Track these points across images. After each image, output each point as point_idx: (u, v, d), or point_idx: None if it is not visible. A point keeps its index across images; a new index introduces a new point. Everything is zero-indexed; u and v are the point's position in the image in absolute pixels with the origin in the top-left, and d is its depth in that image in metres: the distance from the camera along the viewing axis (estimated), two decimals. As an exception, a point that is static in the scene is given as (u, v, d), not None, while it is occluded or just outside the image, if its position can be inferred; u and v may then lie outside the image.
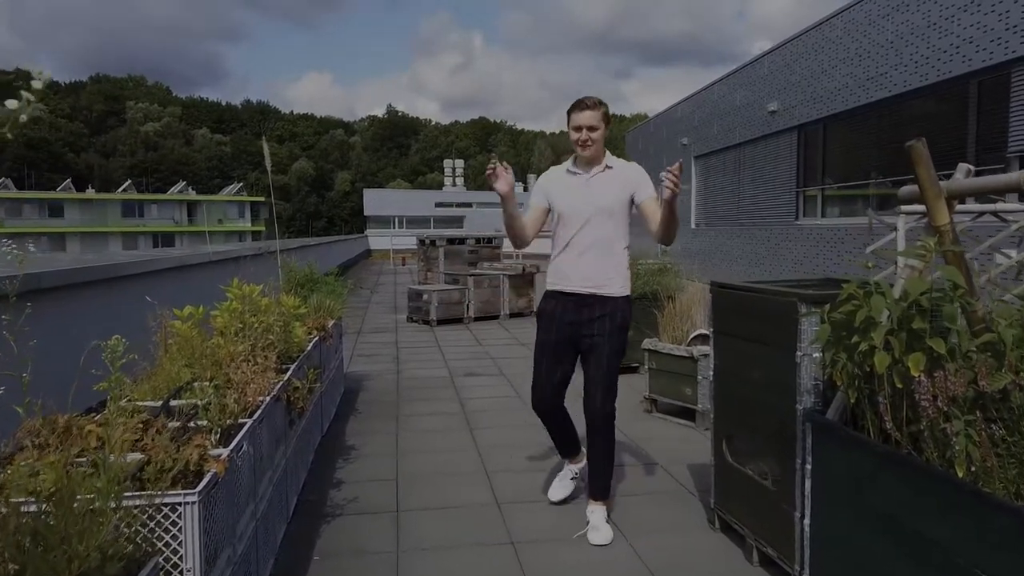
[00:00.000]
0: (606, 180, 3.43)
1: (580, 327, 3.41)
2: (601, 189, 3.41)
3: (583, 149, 3.38)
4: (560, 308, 3.44)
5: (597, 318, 3.38)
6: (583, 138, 3.36)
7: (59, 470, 1.59)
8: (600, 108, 3.36)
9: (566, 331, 3.44)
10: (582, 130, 3.35)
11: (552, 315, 3.47)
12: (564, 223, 3.44)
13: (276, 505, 3.09)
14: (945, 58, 9.51)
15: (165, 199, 70.29)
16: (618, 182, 3.42)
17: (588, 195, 3.40)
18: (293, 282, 6.01)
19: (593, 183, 3.42)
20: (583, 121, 3.34)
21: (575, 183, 3.45)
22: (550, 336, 3.47)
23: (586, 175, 3.44)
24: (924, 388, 1.94)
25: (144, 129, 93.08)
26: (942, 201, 2.27)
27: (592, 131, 3.35)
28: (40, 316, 3.60)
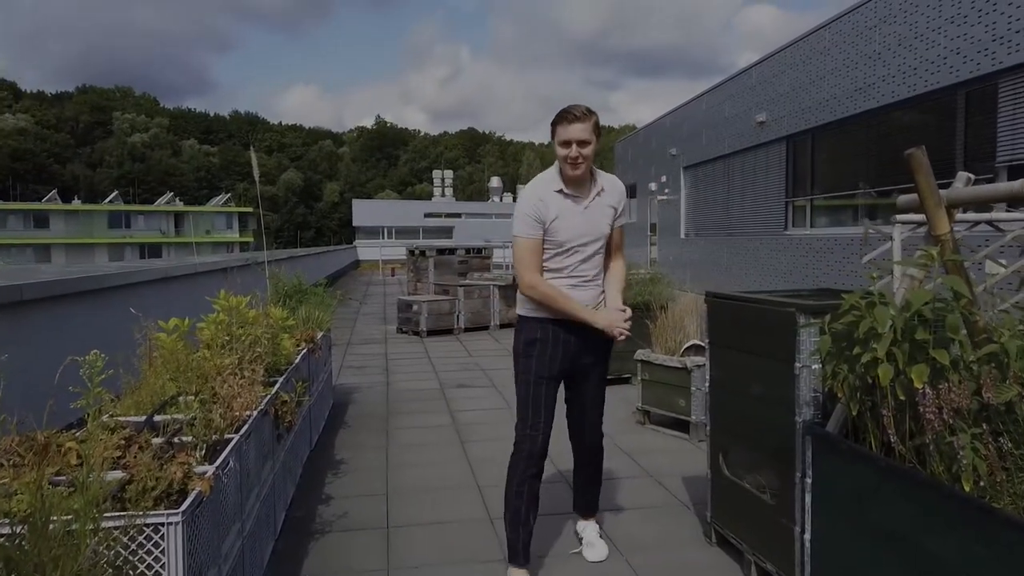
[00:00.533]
0: (603, 206, 3.05)
1: (581, 356, 3.07)
2: (600, 216, 3.04)
3: (574, 168, 2.90)
4: (563, 335, 3.01)
5: (594, 344, 3.09)
6: (573, 155, 2.86)
7: (33, 490, 1.52)
8: (591, 118, 2.90)
9: (568, 359, 3.05)
10: (572, 146, 2.86)
11: (556, 342, 3.01)
12: (564, 253, 3.00)
13: (263, 522, 3.01)
14: (933, 69, 9.57)
15: (152, 210, 69.93)
16: (611, 206, 3.09)
17: (589, 224, 3.01)
18: (281, 293, 5.93)
19: (592, 210, 3.02)
20: (573, 135, 2.86)
21: (573, 209, 2.99)
22: (555, 365, 3.01)
23: (583, 199, 3.00)
24: (929, 400, 1.90)
25: (131, 140, 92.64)
26: (943, 210, 2.24)
27: (584, 146, 2.87)
28: (22, 329, 3.52)
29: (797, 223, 13.57)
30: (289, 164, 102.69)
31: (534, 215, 2.94)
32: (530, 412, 3.00)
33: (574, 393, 3.20)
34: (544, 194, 2.97)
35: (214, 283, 6.56)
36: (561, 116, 2.91)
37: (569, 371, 3.09)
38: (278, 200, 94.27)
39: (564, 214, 2.96)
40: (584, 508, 3.42)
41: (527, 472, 2.97)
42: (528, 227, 2.96)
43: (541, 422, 2.99)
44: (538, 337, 3.01)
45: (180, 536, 1.83)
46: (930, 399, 1.90)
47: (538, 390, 2.99)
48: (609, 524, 3.62)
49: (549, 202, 2.96)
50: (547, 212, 2.94)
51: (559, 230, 2.97)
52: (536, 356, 3.01)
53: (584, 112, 2.89)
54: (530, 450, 2.97)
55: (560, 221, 2.96)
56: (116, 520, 1.74)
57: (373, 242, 53.01)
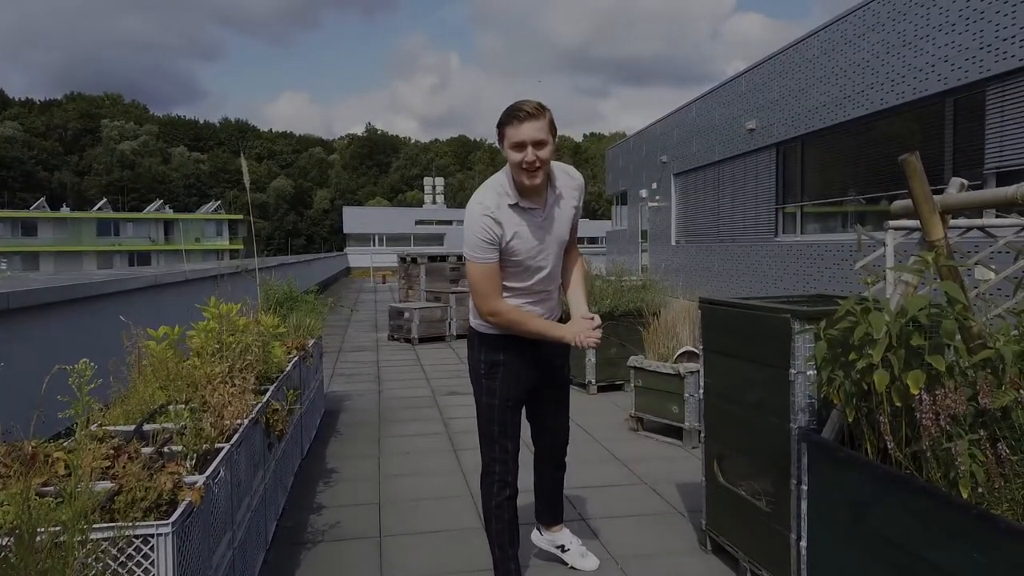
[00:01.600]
0: (560, 209, 2.76)
1: (547, 364, 2.91)
2: (557, 222, 2.75)
3: (531, 177, 2.53)
4: (530, 352, 2.81)
5: (559, 353, 2.95)
6: (530, 159, 2.49)
7: (20, 502, 1.49)
8: (544, 114, 2.53)
9: (535, 377, 2.87)
10: (527, 148, 2.49)
11: (523, 362, 2.80)
12: (520, 269, 2.73)
13: (254, 532, 2.97)
14: (921, 76, 9.65)
15: (141, 217, 69.58)
16: (569, 204, 2.80)
17: (547, 233, 2.72)
18: (272, 301, 5.90)
19: (549, 218, 2.72)
20: (527, 135, 2.48)
21: (531, 223, 2.66)
22: (519, 388, 2.81)
23: (540, 211, 2.67)
24: (925, 406, 1.89)
25: (120, 147, 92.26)
26: (937, 216, 2.24)
27: (540, 148, 2.50)
28: (9, 337, 3.48)
29: (787, 229, 13.63)
30: (279, 171, 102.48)
31: (486, 238, 2.59)
32: (497, 437, 2.81)
33: (540, 402, 3.01)
34: (497, 212, 2.60)
35: (204, 290, 6.51)
36: (510, 115, 2.52)
37: (538, 383, 2.92)
38: (268, 207, 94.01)
39: (522, 231, 2.64)
40: (553, 516, 3.23)
41: (502, 495, 2.83)
42: (481, 251, 2.61)
43: (510, 445, 2.82)
44: (501, 359, 2.77)
45: (170, 547, 1.80)
46: (927, 405, 1.89)
47: (504, 415, 2.80)
48: (603, 532, 3.60)
49: (503, 220, 2.60)
50: (501, 232, 2.61)
51: (517, 250, 2.65)
52: (501, 379, 2.77)
53: (536, 108, 2.52)
54: (502, 474, 2.82)
55: (517, 240, 2.64)
56: (105, 531, 1.71)
57: (364, 249, 52.93)
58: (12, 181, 80.00)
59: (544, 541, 3.27)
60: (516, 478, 2.88)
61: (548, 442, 3.13)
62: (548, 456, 3.15)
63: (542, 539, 3.28)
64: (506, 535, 2.87)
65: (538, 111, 2.52)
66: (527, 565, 3.21)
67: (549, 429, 3.10)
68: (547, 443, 3.13)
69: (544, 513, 3.25)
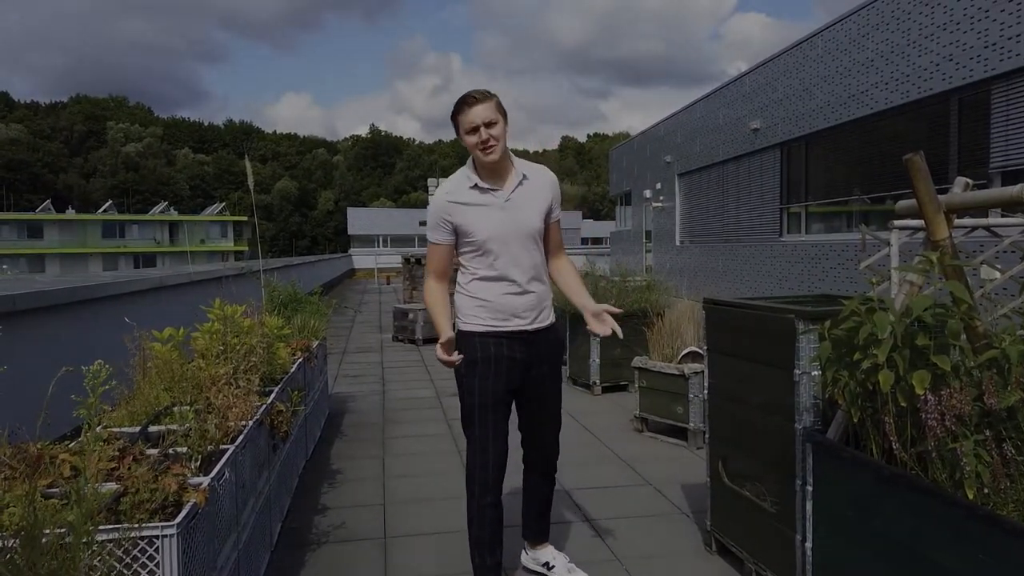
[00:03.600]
0: (526, 195, 2.79)
1: (529, 370, 2.83)
2: (523, 208, 2.78)
3: (488, 153, 2.66)
4: (507, 350, 2.78)
5: (544, 357, 2.88)
6: (484, 138, 2.64)
7: (25, 503, 1.50)
8: (492, 99, 2.69)
9: (516, 376, 2.80)
10: (479, 130, 2.64)
11: (499, 359, 2.76)
12: (488, 255, 2.76)
13: (259, 534, 2.98)
14: (925, 76, 9.62)
15: (146, 219, 69.81)
16: (538, 195, 2.83)
17: (511, 219, 2.75)
18: (276, 302, 5.91)
19: (513, 202, 2.76)
20: (478, 118, 2.64)
21: (491, 203, 2.74)
22: (499, 384, 2.76)
23: (502, 192, 2.76)
24: (930, 406, 1.89)
25: (125, 150, 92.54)
26: (941, 215, 2.23)
27: (491, 127, 2.65)
28: (16, 339, 3.49)
29: (792, 229, 13.60)
30: (284, 173, 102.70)
31: (439, 217, 2.77)
32: (477, 438, 2.77)
33: (527, 411, 2.95)
34: (456, 191, 2.77)
35: (209, 292, 6.52)
36: (460, 104, 2.69)
37: (520, 386, 2.84)
38: (273, 209, 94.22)
39: (478, 211, 2.74)
40: (537, 534, 3.14)
41: (483, 501, 2.78)
42: (434, 231, 2.81)
43: (490, 449, 2.77)
44: (479, 357, 2.76)
45: (175, 549, 1.81)
46: (932, 405, 1.89)
47: (484, 415, 2.76)
48: (607, 533, 3.60)
49: (460, 199, 2.75)
50: (458, 212, 2.74)
51: (476, 229, 2.73)
52: (479, 376, 2.76)
53: (483, 93, 2.69)
54: (482, 479, 2.77)
55: (476, 219, 2.73)
56: (110, 533, 1.72)
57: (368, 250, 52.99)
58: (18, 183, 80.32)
59: (529, 561, 3.17)
60: (499, 484, 2.80)
61: (535, 455, 3.04)
62: (535, 470, 3.07)
63: (528, 559, 3.18)
64: (486, 542, 2.81)
65: (485, 96, 2.69)
66: (530, 567, 3.21)
67: (535, 441, 3.00)
68: (534, 456, 3.04)
69: (529, 528, 3.16)
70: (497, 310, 2.78)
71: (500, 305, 2.78)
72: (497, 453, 2.78)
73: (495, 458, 2.78)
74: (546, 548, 3.14)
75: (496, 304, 2.78)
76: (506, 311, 2.78)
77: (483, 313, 2.79)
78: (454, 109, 2.71)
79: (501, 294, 2.78)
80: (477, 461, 2.78)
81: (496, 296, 2.78)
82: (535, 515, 3.12)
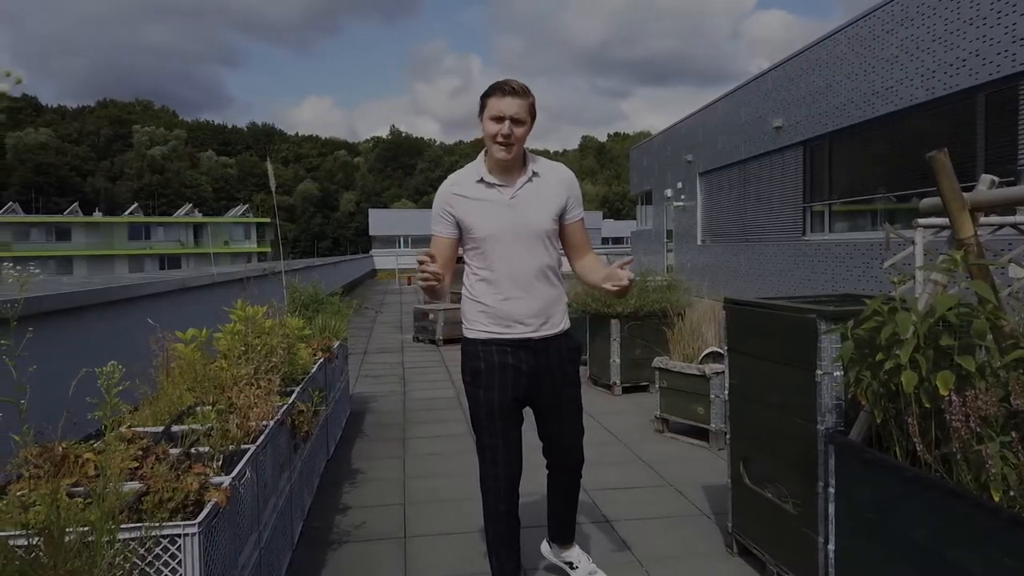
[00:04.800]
0: (535, 193, 2.64)
1: (540, 380, 2.69)
2: (531, 206, 2.63)
3: (503, 149, 2.52)
4: (511, 359, 2.65)
5: (556, 365, 2.72)
6: (504, 132, 2.50)
7: (49, 502, 1.52)
8: (529, 97, 2.55)
9: (523, 386, 2.66)
10: (504, 121, 2.50)
11: (503, 368, 2.64)
12: (488, 252, 2.63)
13: (280, 533, 3.00)
14: (951, 71, 9.48)
15: (171, 221, 70.69)
16: (549, 193, 2.67)
17: (516, 216, 2.61)
18: (298, 303, 5.95)
19: (520, 199, 2.62)
20: (507, 110, 2.50)
21: (496, 199, 2.61)
22: (505, 394, 2.63)
23: (509, 188, 2.61)
24: (955, 408, 1.86)
25: (150, 152, 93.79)
26: (966, 213, 2.20)
27: (517, 125, 2.52)
28: (42, 340, 3.55)
29: (815, 228, 13.46)
30: (305, 174, 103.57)
31: (441, 208, 2.66)
32: (486, 447, 2.68)
33: (544, 421, 2.83)
34: (461, 185, 2.65)
35: (232, 293, 6.58)
36: (495, 87, 2.54)
37: (529, 396, 2.71)
38: (295, 210, 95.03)
39: (482, 206, 2.61)
40: (564, 536, 3.07)
41: (497, 509, 2.71)
42: (436, 222, 2.68)
43: (500, 459, 2.66)
44: (482, 368, 2.65)
45: (197, 547, 1.82)
46: (956, 406, 1.86)
47: (492, 425, 2.65)
48: (628, 534, 3.58)
49: (464, 193, 2.63)
50: (460, 205, 2.62)
51: (477, 225, 2.61)
52: (483, 387, 2.65)
53: (522, 87, 2.54)
54: (494, 488, 2.69)
55: (479, 214, 2.60)
56: (133, 532, 1.74)
57: (389, 251, 53.25)
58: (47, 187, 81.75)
59: (553, 555, 3.14)
60: (512, 492, 2.72)
61: (558, 462, 2.93)
62: (559, 474, 2.97)
63: (551, 552, 3.15)
64: (503, 549, 2.75)
65: (523, 91, 2.54)
66: (550, 567, 3.20)
67: (557, 450, 2.90)
68: (556, 462, 2.93)
69: (554, 530, 3.10)
70: (498, 316, 2.65)
71: (501, 311, 2.64)
72: (508, 463, 2.68)
73: (506, 468, 2.68)
74: (572, 549, 3.12)
75: (496, 310, 2.65)
76: (508, 317, 2.64)
77: (484, 319, 2.68)
78: (487, 90, 2.56)
79: (501, 299, 2.64)
80: (489, 472, 2.70)
81: (496, 301, 2.65)
82: (560, 517, 3.05)
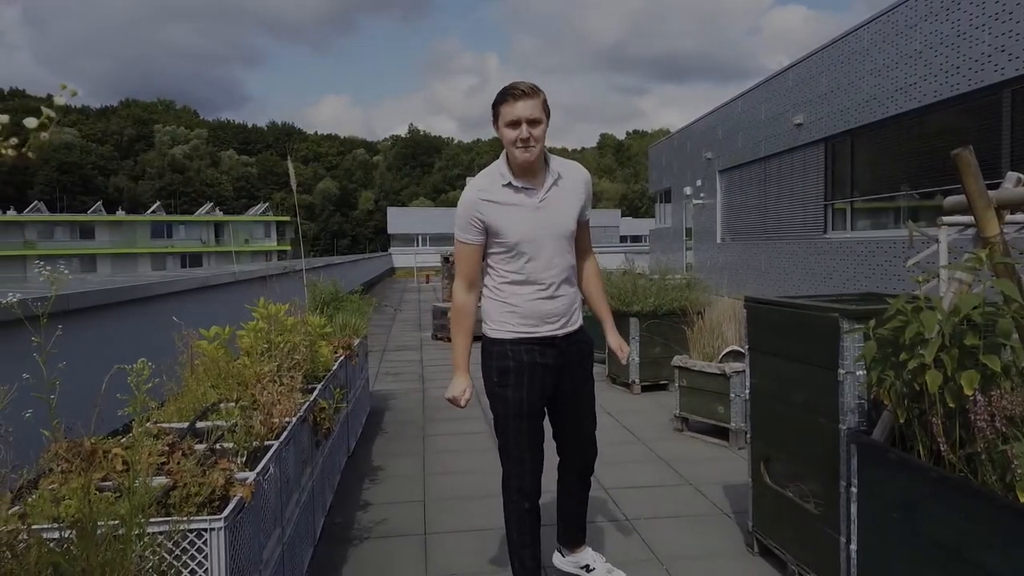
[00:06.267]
0: (561, 194, 2.68)
1: (562, 375, 2.75)
2: (558, 209, 2.67)
3: (525, 151, 2.53)
4: (539, 357, 2.70)
5: (575, 361, 2.79)
6: (523, 136, 2.51)
7: (81, 496, 1.55)
8: (539, 95, 2.56)
9: (549, 384, 2.73)
10: (521, 125, 2.51)
11: (532, 367, 2.69)
12: (518, 255, 2.66)
13: (303, 529, 3.03)
14: (976, 67, 9.34)
15: (193, 220, 71.36)
16: (573, 194, 2.72)
17: (545, 220, 2.64)
18: (319, 301, 6.00)
19: (548, 202, 2.65)
20: (522, 113, 2.51)
21: (525, 203, 2.63)
22: (533, 393, 2.69)
23: (536, 191, 2.64)
24: (980, 407, 1.84)
25: (172, 152, 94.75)
26: (992, 211, 2.17)
27: (534, 126, 2.53)
28: (70, 337, 3.61)
29: (837, 226, 13.33)
30: (325, 173, 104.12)
31: (470, 215, 2.65)
32: (512, 448, 2.72)
33: (561, 416, 2.88)
34: (487, 190, 2.65)
35: (253, 291, 6.65)
36: (505, 94, 2.56)
37: (553, 394, 2.77)
38: (315, 209, 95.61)
39: (511, 211, 2.62)
40: (574, 537, 3.08)
41: (520, 507, 2.75)
42: (464, 230, 2.68)
43: (527, 459, 2.71)
44: (511, 367, 2.69)
45: (223, 542, 1.85)
46: (981, 406, 1.85)
47: (519, 424, 2.69)
48: (648, 533, 3.58)
49: (491, 198, 2.63)
50: (490, 211, 2.62)
51: (508, 230, 2.62)
52: (512, 387, 2.68)
53: (531, 88, 2.56)
54: (519, 487, 2.74)
55: (510, 219, 2.61)
56: (161, 525, 1.77)
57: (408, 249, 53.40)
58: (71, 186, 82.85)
59: (567, 563, 3.10)
60: (536, 490, 2.76)
61: (573, 459, 2.95)
62: (572, 473, 2.99)
63: (565, 561, 3.11)
64: (527, 547, 2.78)
65: (533, 91, 2.55)
66: (570, 565, 3.21)
67: (572, 445, 2.92)
68: (571, 459, 2.96)
69: (565, 533, 3.09)
70: (527, 315, 2.69)
71: (529, 310, 2.68)
72: (534, 461, 2.73)
73: (531, 465, 2.73)
74: (584, 550, 3.11)
75: (525, 309, 2.68)
76: (536, 316, 2.69)
77: (512, 319, 2.71)
78: (497, 98, 2.58)
79: (531, 299, 2.68)
80: (514, 471, 2.73)
81: (525, 301, 2.68)
82: (572, 519, 3.05)
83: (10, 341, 2.87)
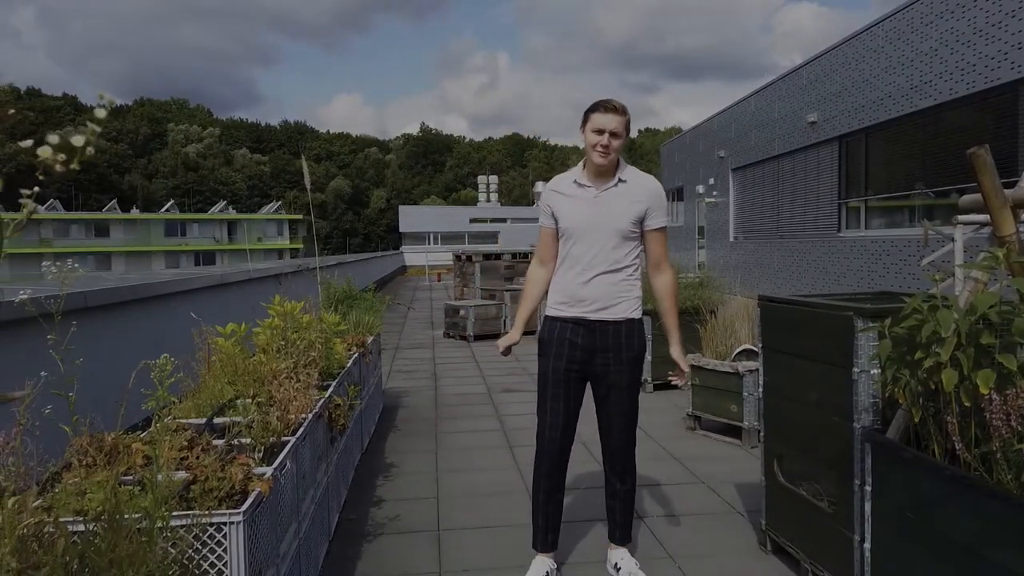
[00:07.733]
0: (616, 195, 3.01)
1: (593, 356, 3.02)
2: (610, 206, 2.99)
3: (601, 156, 2.93)
4: (569, 334, 3.02)
5: (611, 347, 3.01)
6: (604, 143, 2.92)
7: (106, 489, 1.58)
8: (626, 116, 2.97)
9: (577, 359, 3.02)
10: (604, 134, 2.92)
11: (561, 341, 3.04)
12: (569, 241, 3.04)
13: (318, 524, 3.06)
14: (993, 65, 9.27)
15: (206, 218, 71.74)
16: (629, 197, 3.01)
17: (596, 212, 2.99)
18: (332, 299, 6.04)
19: (602, 199, 3.00)
20: (607, 124, 2.91)
21: (583, 197, 3.02)
22: (560, 363, 3.03)
23: (595, 189, 3.01)
24: (996, 406, 1.84)
25: (186, 150, 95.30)
26: (1008, 210, 2.17)
27: (615, 138, 2.93)
28: (86, 335, 3.65)
29: (851, 225, 13.26)
30: (337, 172, 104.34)
31: (544, 204, 3.15)
32: (541, 409, 3.10)
33: (604, 403, 3.10)
34: (560, 184, 3.13)
35: (267, 289, 6.71)
36: (599, 104, 2.98)
37: (582, 372, 3.04)
38: (327, 207, 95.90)
39: (571, 202, 3.04)
40: (612, 533, 3.20)
41: (544, 466, 3.08)
42: (542, 217, 3.18)
43: (554, 419, 3.05)
44: (545, 338, 3.11)
45: (242, 535, 1.88)
46: (997, 405, 1.84)
47: (545, 389, 3.08)
48: (661, 532, 3.59)
49: (560, 190, 3.09)
50: (555, 200, 3.09)
51: (564, 217, 3.05)
52: (544, 355, 3.10)
53: (621, 107, 2.98)
54: (547, 447, 3.07)
55: (567, 207, 3.04)
56: (183, 519, 1.80)
57: (419, 248, 53.53)
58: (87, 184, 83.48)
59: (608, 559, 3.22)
60: (556, 453, 3.06)
61: (607, 453, 3.15)
62: (609, 467, 3.16)
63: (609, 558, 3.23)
64: (540, 505, 3.10)
65: (622, 110, 2.96)
66: (581, 562, 3.23)
67: (605, 436, 3.13)
68: (607, 454, 3.16)
69: (608, 528, 3.23)
70: (565, 293, 3.05)
71: (567, 289, 3.04)
72: (557, 424, 3.04)
73: (552, 430, 3.05)
74: (618, 550, 3.19)
75: (564, 288, 3.06)
76: (571, 296, 3.03)
77: (555, 297, 3.10)
78: (592, 106, 2.98)
79: (569, 279, 3.04)
80: (542, 432, 3.08)
81: (565, 281, 3.06)
82: (613, 517, 3.19)
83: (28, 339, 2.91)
